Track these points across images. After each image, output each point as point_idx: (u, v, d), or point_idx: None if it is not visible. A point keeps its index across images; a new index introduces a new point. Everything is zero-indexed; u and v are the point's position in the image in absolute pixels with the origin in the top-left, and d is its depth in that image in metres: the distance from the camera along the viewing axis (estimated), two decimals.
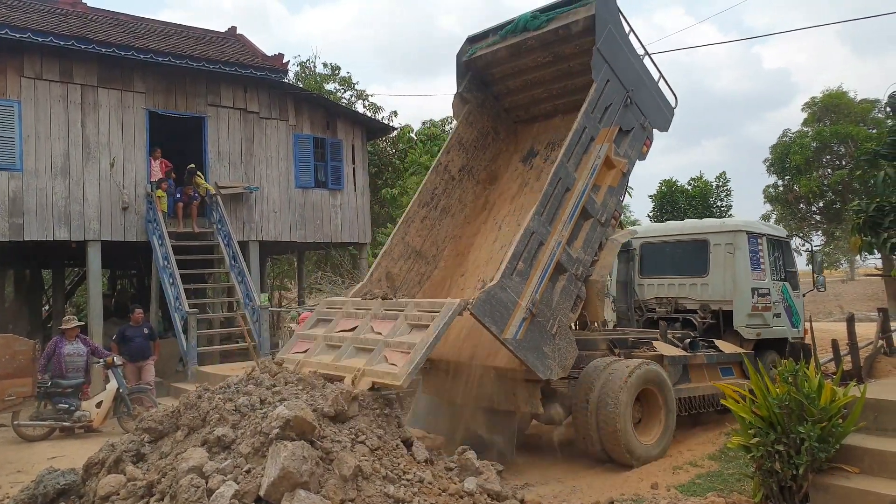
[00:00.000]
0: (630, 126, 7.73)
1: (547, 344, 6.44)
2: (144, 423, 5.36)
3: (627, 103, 7.65)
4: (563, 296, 6.79)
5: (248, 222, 14.71)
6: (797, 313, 10.33)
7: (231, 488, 4.30)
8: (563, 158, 6.99)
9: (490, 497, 5.18)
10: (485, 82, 9.04)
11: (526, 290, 6.38)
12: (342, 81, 22.54)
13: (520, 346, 6.19)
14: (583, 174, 7.13)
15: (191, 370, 11.30)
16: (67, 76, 12.75)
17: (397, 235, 8.08)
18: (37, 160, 12.37)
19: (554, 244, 6.74)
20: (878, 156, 9.01)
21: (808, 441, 5.17)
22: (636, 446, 6.96)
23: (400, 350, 5.91)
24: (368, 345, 6.29)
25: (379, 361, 5.99)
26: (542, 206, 6.73)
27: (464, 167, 8.73)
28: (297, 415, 4.54)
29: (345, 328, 6.81)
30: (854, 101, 28.97)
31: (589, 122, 7.27)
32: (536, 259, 6.58)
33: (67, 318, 10.06)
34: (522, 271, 6.43)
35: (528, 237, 6.53)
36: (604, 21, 7.44)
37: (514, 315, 6.17)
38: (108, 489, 4.72)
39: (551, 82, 8.65)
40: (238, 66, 14.08)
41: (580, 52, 7.87)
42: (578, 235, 7.11)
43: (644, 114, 7.88)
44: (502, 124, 9.25)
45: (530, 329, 6.30)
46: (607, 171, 7.42)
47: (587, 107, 7.23)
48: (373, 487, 4.67)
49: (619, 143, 7.56)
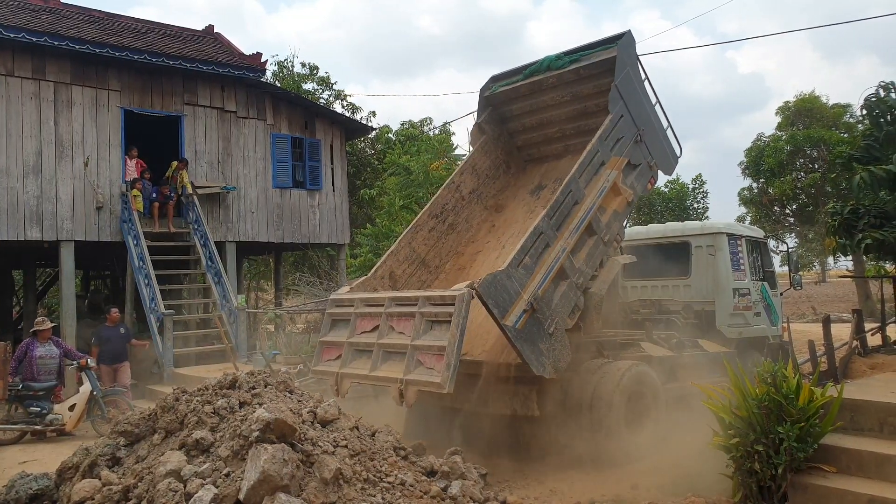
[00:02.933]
0: (638, 161, 8.15)
1: (543, 341, 6.54)
2: (120, 426, 5.25)
3: (637, 140, 8.13)
4: (563, 300, 6.93)
5: (225, 222, 14.53)
6: (776, 312, 10.55)
7: (210, 492, 4.23)
8: (576, 174, 7.34)
9: (472, 499, 5.17)
10: (502, 118, 9.58)
11: (529, 284, 6.54)
12: (320, 81, 22.38)
13: (518, 336, 6.28)
14: (592, 192, 7.47)
15: (167, 372, 11.12)
16: (40, 73, 12.48)
17: (405, 239, 8.29)
18: (7, 158, 12.09)
19: (559, 249, 6.96)
20: (853, 159, 9.20)
21: (786, 441, 5.23)
22: (629, 446, 7.09)
23: (431, 353, 6.12)
24: (398, 349, 6.46)
25: (416, 367, 6.21)
26: (553, 211, 7.02)
27: (474, 191, 9.11)
28: (277, 417, 4.47)
29: (366, 329, 6.92)
30: (827, 105, 29.40)
31: (602, 147, 7.70)
32: (542, 259, 6.79)
33: (40, 320, 9.84)
34: (528, 266, 6.64)
35: (536, 235, 6.79)
36: (623, 63, 8.05)
37: (516, 304, 6.31)
38: (83, 494, 4.61)
39: (565, 122, 9.11)
40: (215, 65, 13.91)
41: (597, 93, 8.40)
42: (582, 248, 7.33)
43: (651, 154, 8.34)
44: (514, 160, 9.72)
45: (529, 322, 6.42)
46: (614, 197, 7.78)
47: (602, 133, 7.70)
48: (354, 490, 4.63)
49: (626, 175, 7.96)
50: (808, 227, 29.63)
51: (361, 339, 6.88)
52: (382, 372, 6.48)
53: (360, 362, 6.81)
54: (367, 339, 6.81)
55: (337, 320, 7.41)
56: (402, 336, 6.47)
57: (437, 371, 5.98)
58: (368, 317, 6.93)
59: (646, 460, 7.28)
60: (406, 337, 6.41)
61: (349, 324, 7.11)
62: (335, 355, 7.11)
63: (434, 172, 13.47)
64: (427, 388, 6.01)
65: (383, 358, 6.57)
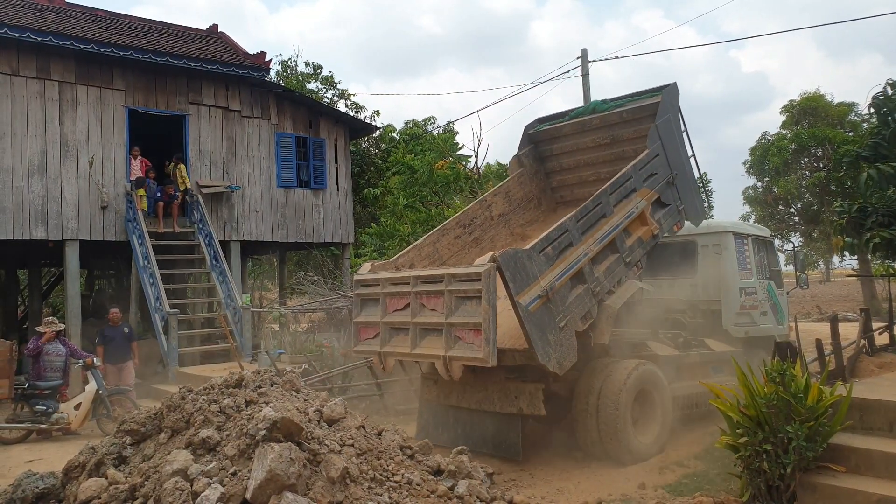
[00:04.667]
0: (668, 202, 8.38)
1: (552, 332, 6.59)
2: (126, 425, 5.23)
3: (670, 182, 8.42)
4: (577, 302, 6.99)
5: (230, 222, 14.53)
6: (782, 311, 10.47)
7: (217, 491, 4.21)
8: (608, 189, 7.61)
9: (479, 499, 5.15)
10: (541, 156, 10.05)
11: (548, 273, 6.66)
12: (324, 81, 22.37)
13: (529, 318, 6.33)
14: (619, 213, 7.66)
15: (171, 371, 11.12)
16: (45, 73, 12.50)
17: (431, 238, 8.45)
18: (13, 158, 12.10)
19: (581, 252, 7.09)
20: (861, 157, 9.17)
21: (795, 440, 5.20)
22: (636, 445, 7.14)
23: (468, 329, 6.34)
24: (433, 326, 6.70)
25: (455, 342, 6.48)
26: (581, 215, 7.26)
27: (504, 214, 9.40)
28: (284, 416, 4.45)
29: (397, 308, 7.13)
30: (832, 104, 29.25)
31: (635, 174, 7.97)
32: (563, 255, 6.93)
33: (49, 321, 9.82)
34: (549, 256, 6.77)
35: (561, 231, 6.98)
36: (665, 109, 8.54)
37: (532, 287, 6.42)
38: (90, 493, 4.60)
39: (601, 165, 9.43)
40: (220, 64, 13.91)
41: (636, 138, 8.75)
42: (603, 262, 7.44)
43: (681, 199, 8.60)
44: (546, 199, 10.10)
45: (542, 309, 6.49)
46: (640, 225, 7.94)
47: (637, 162, 8.01)
48: (361, 489, 4.61)
49: (655, 210, 8.15)
50: (812, 226, 29.50)
51: (395, 317, 7.10)
52: (423, 349, 6.75)
53: (398, 340, 7.08)
54: (400, 317, 7.03)
55: (366, 300, 7.61)
56: (435, 313, 6.68)
57: (476, 346, 6.22)
58: (397, 296, 7.11)
59: (652, 459, 7.29)
60: (439, 314, 6.61)
61: (379, 303, 7.31)
62: (373, 334, 7.36)
63: (438, 172, 13.43)
64: (471, 362, 6.30)
65: (420, 335, 6.83)
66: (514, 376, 7.17)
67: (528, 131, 9.94)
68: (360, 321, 7.56)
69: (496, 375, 7.22)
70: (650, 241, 8.03)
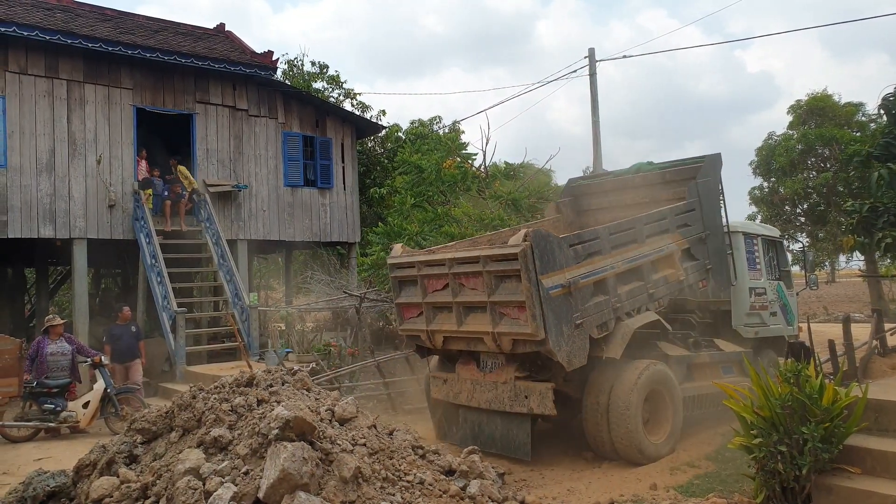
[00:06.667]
0: (697, 256, 8.48)
1: (568, 325, 6.67)
2: (137, 423, 5.22)
3: (702, 239, 8.57)
4: (597, 309, 7.05)
5: (237, 221, 14.52)
6: (791, 311, 10.41)
7: (229, 490, 4.19)
8: (643, 218, 7.85)
9: (491, 499, 5.11)
10: (580, 209, 10.35)
11: (573, 268, 6.81)
12: (330, 80, 22.34)
13: (549, 302, 6.45)
14: (649, 245, 7.84)
15: (179, 370, 11.11)
16: (53, 71, 12.50)
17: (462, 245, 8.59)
18: (21, 156, 12.11)
19: (607, 264, 7.22)
20: (872, 157, 9.11)
21: (811, 442, 5.14)
22: (647, 446, 7.10)
23: (513, 306, 6.56)
24: (477, 304, 6.92)
25: (501, 318, 6.70)
26: (614, 230, 7.47)
27: None
28: (297, 415, 4.43)
29: (437, 288, 7.34)
30: (839, 103, 29.08)
31: (670, 217, 8.22)
32: (590, 259, 7.10)
33: (51, 317, 9.84)
34: (578, 254, 6.96)
35: (593, 235, 7.25)
36: (706, 172, 8.86)
37: (556, 273, 6.57)
38: (101, 492, 4.59)
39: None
40: (227, 63, 13.89)
41: (675, 200, 8.83)
42: (627, 284, 7.49)
43: (710, 260, 8.66)
44: None
45: (562, 299, 6.61)
46: (668, 266, 8.04)
47: (674, 207, 8.31)
48: (373, 489, 4.58)
49: (684, 259, 8.25)
50: (819, 226, 29.34)
51: (436, 297, 7.32)
52: (470, 326, 6.99)
53: (443, 318, 7.34)
54: (441, 297, 7.25)
55: (404, 282, 7.83)
56: (476, 292, 6.87)
57: (523, 321, 6.43)
58: (435, 277, 7.31)
59: (663, 460, 7.24)
60: (480, 293, 6.83)
61: (417, 285, 7.51)
62: (416, 313, 7.62)
63: (446, 171, 13.40)
64: (520, 337, 6.54)
65: (465, 313, 7.07)
66: (525, 376, 7.15)
67: (571, 183, 10.40)
68: (402, 302, 7.80)
69: (506, 375, 7.21)
70: (675, 284, 8.09)
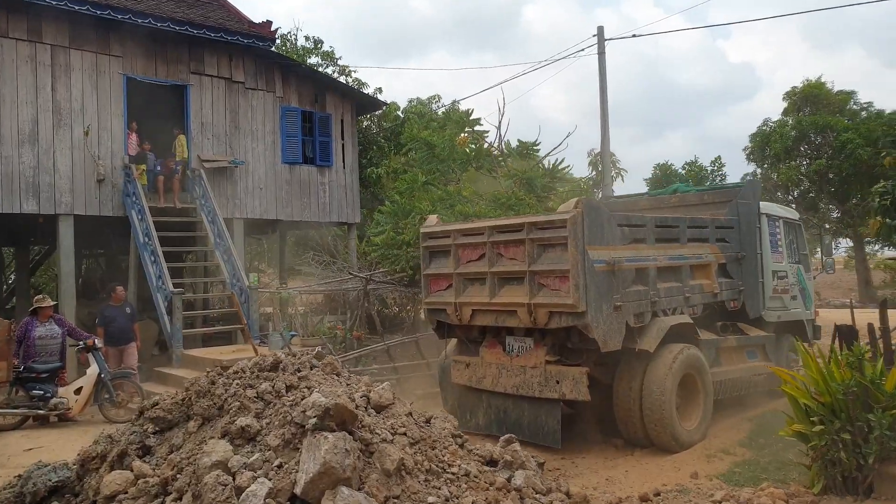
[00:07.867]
0: (731, 275, 8.39)
1: (607, 305, 6.46)
2: (151, 412, 4.72)
3: (738, 259, 8.47)
4: (636, 297, 6.88)
5: (233, 198, 13.88)
6: (809, 296, 10.26)
7: (264, 486, 3.74)
8: (687, 221, 7.81)
9: (536, 490, 4.72)
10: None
11: (619, 249, 6.66)
12: (325, 56, 21.64)
13: (592, 275, 6.26)
14: (690, 248, 7.76)
15: (177, 354, 10.54)
16: (36, 35, 11.73)
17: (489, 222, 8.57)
18: (1, 126, 11.37)
19: (649, 255, 7.09)
20: None
21: (877, 429, 4.89)
22: (680, 432, 6.90)
23: (555, 276, 6.31)
24: (515, 275, 6.65)
25: (539, 290, 6.44)
26: (659, 223, 7.41)
27: None
28: (337, 402, 3.97)
29: (471, 258, 7.08)
30: (832, 91, 29.19)
31: (711, 227, 8.14)
32: (634, 244, 6.99)
33: (40, 297, 9.25)
34: (624, 235, 6.84)
35: (640, 222, 7.15)
36: (746, 195, 8.90)
37: (603, 249, 6.43)
38: (115, 487, 4.11)
39: None
40: (224, 32, 13.18)
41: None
42: (666, 282, 7.34)
43: (743, 282, 8.53)
44: None
45: (605, 276, 6.43)
46: (704, 276, 7.92)
47: (714, 219, 8.29)
48: (417, 483, 4.15)
49: (718, 274, 8.12)
50: (811, 213, 29.40)
51: (469, 268, 7.10)
52: (504, 297, 6.71)
53: (474, 290, 7.07)
54: (475, 267, 7.02)
55: (435, 252, 7.61)
56: (515, 262, 6.61)
57: (563, 292, 6.19)
58: (471, 247, 7.08)
59: (696, 447, 6.96)
60: (520, 263, 6.55)
61: (450, 255, 7.29)
62: (445, 286, 7.37)
63: (459, 147, 12.89)
64: (559, 308, 6.29)
65: (499, 284, 6.81)
66: (556, 360, 6.82)
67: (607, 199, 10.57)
68: (430, 273, 7.58)
69: (536, 359, 6.86)
70: (710, 295, 7.93)
